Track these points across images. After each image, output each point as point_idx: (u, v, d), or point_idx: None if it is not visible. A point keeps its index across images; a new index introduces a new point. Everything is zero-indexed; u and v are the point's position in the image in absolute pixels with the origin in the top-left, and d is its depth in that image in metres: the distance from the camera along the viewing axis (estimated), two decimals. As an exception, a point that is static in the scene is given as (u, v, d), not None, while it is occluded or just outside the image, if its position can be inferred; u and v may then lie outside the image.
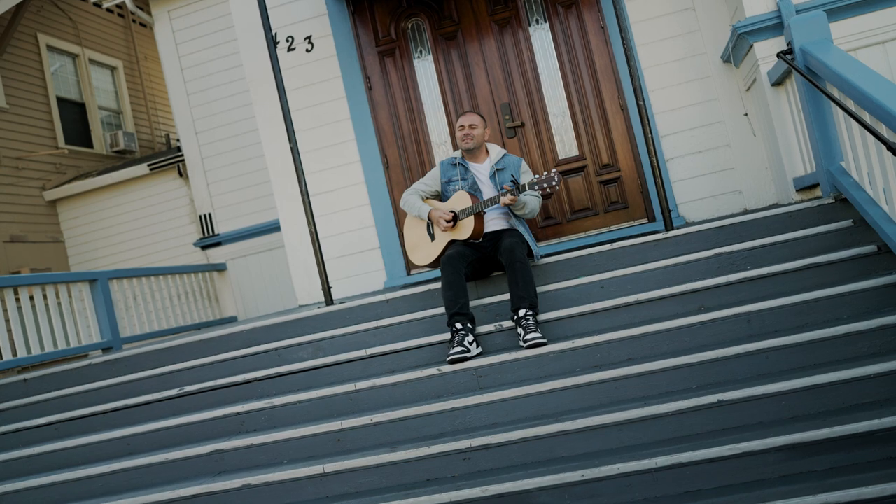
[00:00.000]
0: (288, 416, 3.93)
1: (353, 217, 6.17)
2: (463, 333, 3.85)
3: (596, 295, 4.06)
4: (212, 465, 3.75)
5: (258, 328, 4.70)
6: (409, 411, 3.57)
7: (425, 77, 6.12)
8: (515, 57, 5.96)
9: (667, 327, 3.60)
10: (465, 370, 3.74)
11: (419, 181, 4.70)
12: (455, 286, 3.99)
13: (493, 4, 5.98)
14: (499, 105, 5.96)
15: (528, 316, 3.83)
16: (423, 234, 4.53)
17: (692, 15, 5.72)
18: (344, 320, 4.54)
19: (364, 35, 6.18)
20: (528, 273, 3.94)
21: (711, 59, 5.69)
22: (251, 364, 4.44)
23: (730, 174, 5.70)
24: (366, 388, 3.85)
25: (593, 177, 5.89)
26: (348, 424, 3.63)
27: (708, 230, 4.26)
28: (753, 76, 5.21)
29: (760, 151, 5.58)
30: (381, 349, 4.13)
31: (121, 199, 10.54)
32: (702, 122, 5.72)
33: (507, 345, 3.95)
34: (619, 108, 5.81)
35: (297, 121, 6.19)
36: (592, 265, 4.31)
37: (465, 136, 4.50)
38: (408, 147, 6.12)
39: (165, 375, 4.58)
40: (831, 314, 3.42)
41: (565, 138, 5.94)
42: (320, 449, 3.64)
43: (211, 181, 9.49)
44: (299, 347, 4.41)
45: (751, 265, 3.93)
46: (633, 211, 5.85)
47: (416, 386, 3.79)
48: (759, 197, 5.63)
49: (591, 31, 5.86)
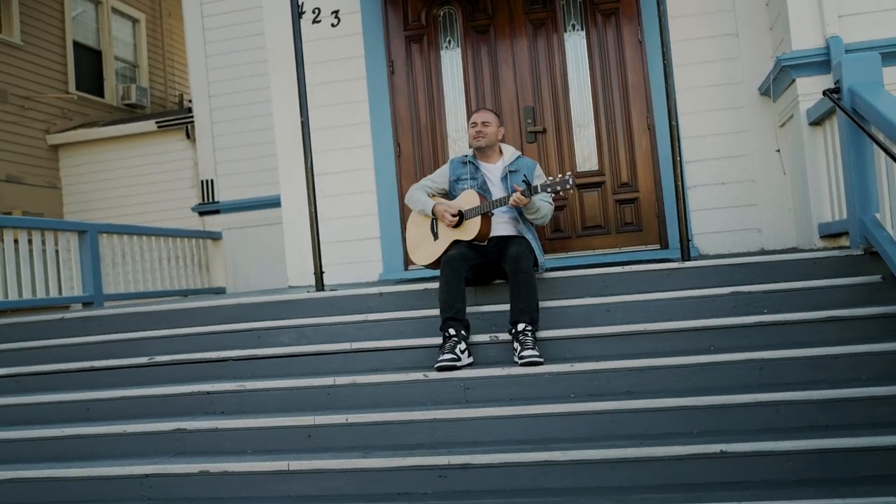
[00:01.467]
0: (259, 402, 3.69)
1: (356, 202, 5.94)
2: (455, 340, 3.62)
3: (600, 318, 3.83)
4: (171, 445, 3.52)
5: (242, 304, 4.46)
6: (388, 416, 3.34)
7: (450, 69, 5.89)
8: (546, 60, 5.73)
9: (672, 363, 3.37)
10: (453, 380, 3.51)
11: (426, 178, 4.48)
12: (453, 289, 3.76)
13: (530, 3, 5.75)
14: (522, 108, 5.73)
15: (526, 331, 3.60)
16: (426, 233, 4.30)
17: (734, 41, 5.49)
18: (332, 308, 4.31)
19: (393, 17, 5.94)
20: (532, 286, 3.71)
21: (748, 89, 5.46)
22: (229, 342, 4.20)
23: (751, 210, 5.47)
24: (345, 385, 3.62)
25: (610, 194, 5.66)
26: (321, 421, 3.39)
27: (725, 266, 4.03)
28: (791, 112, 4.99)
29: (786, 191, 5.35)
30: (367, 345, 3.90)
31: (124, 154, 10.32)
32: (729, 152, 5.50)
33: (500, 358, 3.72)
34: (647, 127, 5.58)
35: (312, 96, 5.95)
36: (600, 286, 4.08)
37: (477, 133, 4.27)
38: (423, 138, 5.89)
39: (138, 341, 4.34)
40: (851, 373, 3.19)
41: (586, 151, 5.71)
42: (288, 443, 3.40)
43: (218, 147, 9.24)
44: (281, 331, 4.18)
45: (768, 309, 3.70)
46: (647, 235, 5.62)
47: (399, 389, 3.55)
48: (778, 238, 5.41)
49: (628, 45, 5.63)
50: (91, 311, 4.79)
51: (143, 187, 10.19)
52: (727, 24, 5.49)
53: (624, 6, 5.62)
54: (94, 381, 4.14)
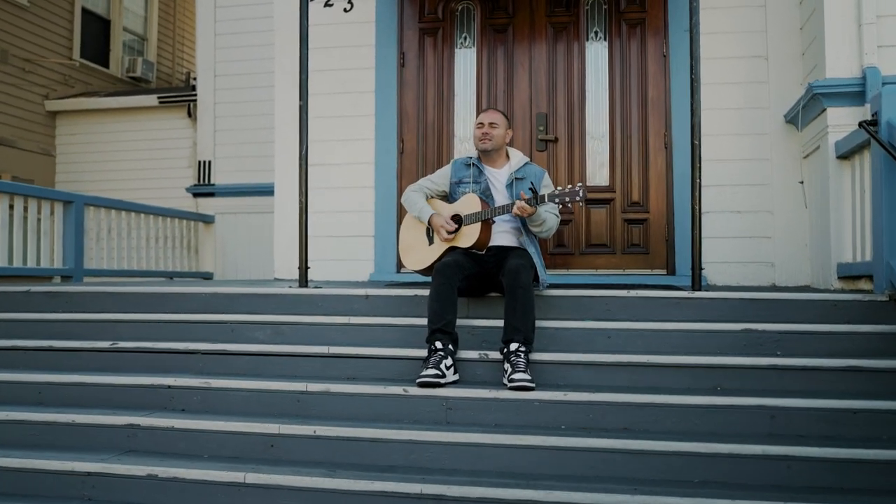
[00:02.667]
0: (223, 402, 3.40)
1: (352, 197, 5.66)
2: (441, 355, 3.33)
3: (600, 344, 3.54)
4: (121, 441, 3.22)
5: (219, 294, 4.17)
6: (360, 432, 3.04)
7: (464, 66, 5.61)
8: (565, 66, 5.45)
9: (675, 402, 3.08)
10: (435, 398, 3.21)
11: (426, 178, 4.19)
12: (444, 299, 3.47)
13: (553, 5, 5.47)
14: (535, 114, 5.45)
15: (519, 351, 3.31)
16: (421, 236, 4.01)
17: (763, 64, 5.22)
18: (314, 307, 4.02)
19: (409, 7, 5.66)
20: (530, 303, 3.42)
21: (773, 115, 5.19)
22: (200, 333, 3.91)
23: (765, 243, 5.19)
24: (318, 392, 3.33)
25: (618, 213, 5.38)
26: (287, 430, 3.10)
27: (737, 300, 3.74)
28: (817, 143, 4.71)
29: (804, 226, 5.07)
30: (346, 350, 3.61)
31: (123, 127, 10.03)
32: (747, 180, 5.22)
33: (488, 378, 3.43)
34: (663, 145, 5.30)
35: (316, 82, 5.66)
36: (602, 309, 3.79)
37: (483, 135, 3.98)
38: (428, 136, 5.61)
39: (103, 323, 4.05)
40: (870, 431, 2.90)
41: (598, 164, 5.43)
42: (249, 451, 3.11)
43: (219, 128, 8.96)
44: (257, 326, 3.89)
45: (782, 351, 3.41)
46: (653, 259, 5.34)
47: (375, 403, 3.26)
48: (791, 274, 5.13)
49: (652, 58, 5.35)
50: (58, 287, 4.51)
51: (139, 163, 9.90)
52: (757, 46, 5.22)
53: (651, 17, 5.35)
54: (50, 363, 3.85)
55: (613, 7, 5.40)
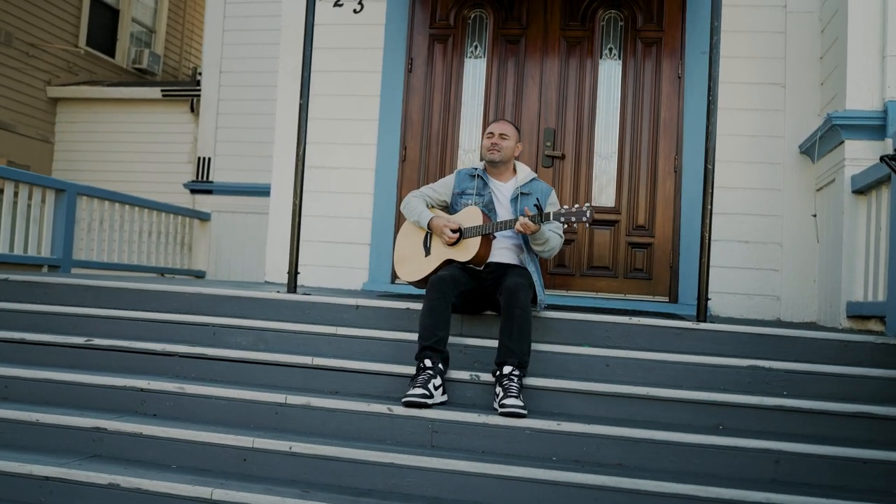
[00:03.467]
0: (197, 409, 3.22)
1: (350, 203, 5.49)
2: (430, 374, 3.15)
3: (598, 373, 3.37)
4: (86, 444, 3.04)
5: (203, 295, 4.00)
6: (339, 451, 2.86)
7: (473, 76, 5.46)
8: (576, 82, 5.30)
9: (674, 439, 2.90)
10: (421, 419, 3.04)
11: (428, 186, 4.02)
12: (437, 314, 3.30)
13: (568, 18, 5.33)
14: (543, 128, 5.30)
15: (513, 375, 3.13)
16: (417, 246, 3.84)
17: (780, 92, 5.07)
18: (301, 314, 3.85)
19: (420, 12, 5.52)
20: (527, 324, 3.25)
21: (787, 145, 5.04)
22: (179, 334, 3.74)
23: (772, 276, 5.03)
24: (297, 405, 3.15)
25: (622, 235, 5.22)
26: (262, 444, 2.92)
27: (744, 334, 3.57)
28: (832, 176, 4.56)
29: (813, 260, 4.91)
30: (331, 362, 3.43)
31: (125, 118, 9.90)
32: (757, 210, 5.06)
33: (478, 401, 3.25)
34: (673, 169, 5.15)
35: (321, 82, 5.53)
36: (601, 335, 3.62)
37: (492, 145, 3.82)
38: (432, 145, 5.45)
39: (79, 318, 3.87)
40: (882, 484, 2.73)
41: (604, 185, 5.27)
42: (220, 464, 2.93)
43: (221, 125, 8.83)
44: (240, 331, 3.71)
45: (789, 391, 3.24)
46: (656, 285, 5.17)
47: (357, 421, 3.08)
48: (797, 310, 4.96)
49: (666, 79, 5.20)
50: (37, 277, 4.32)
51: (138, 155, 9.75)
52: (775, 73, 5.08)
53: (667, 37, 5.21)
54: (20, 356, 3.67)
55: (630, 24, 5.26)
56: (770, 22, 5.09)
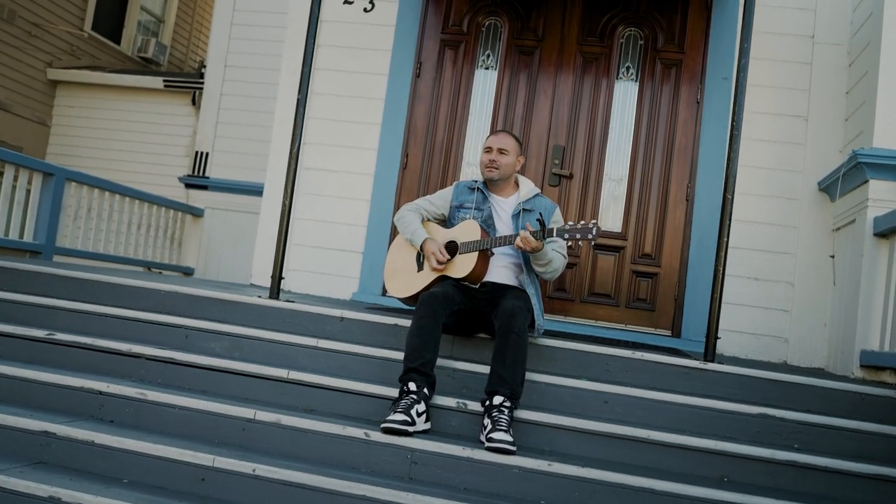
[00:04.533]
0: (158, 419, 2.96)
1: (345, 208, 5.24)
2: (414, 399, 2.89)
3: (595, 409, 3.11)
4: (32, 450, 2.77)
5: (179, 294, 3.75)
6: (307, 478, 2.60)
7: (483, 85, 5.23)
8: (590, 100, 5.08)
9: (675, 490, 2.64)
10: (400, 448, 2.78)
11: (425, 198, 3.78)
12: (426, 334, 3.04)
13: (586, 33, 5.11)
14: (552, 145, 5.07)
15: (503, 406, 2.88)
16: (410, 261, 3.59)
17: (802, 125, 4.85)
18: (281, 323, 3.59)
19: (433, 16, 5.30)
20: (522, 352, 2.99)
21: (806, 180, 4.81)
22: (149, 334, 3.48)
23: (781, 316, 4.78)
24: (267, 422, 2.89)
25: (627, 263, 4.97)
26: (223, 464, 2.65)
27: (753, 379, 3.33)
28: (853, 217, 4.32)
29: (826, 303, 4.67)
30: (308, 377, 3.17)
31: (125, 106, 9.67)
32: (770, 246, 4.82)
33: (464, 432, 2.99)
34: (685, 197, 4.91)
35: (324, 81, 5.31)
36: (601, 368, 3.37)
37: (490, 161, 3.56)
38: (435, 154, 5.21)
39: (43, 309, 3.62)
40: (902, 559, 2.48)
41: (612, 209, 5.03)
42: (175, 482, 2.67)
43: (221, 120, 8.62)
44: (215, 336, 3.46)
45: (800, 444, 2.99)
46: (659, 318, 4.92)
47: (331, 445, 2.82)
48: (805, 353, 4.71)
49: (684, 103, 4.98)
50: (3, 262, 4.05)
51: (135, 145, 9.53)
52: (798, 105, 4.85)
53: (688, 60, 4.99)
54: (-25, 347, 3.41)
55: (650, 44, 5.04)
56: (796, 51, 4.88)
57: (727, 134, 4.84)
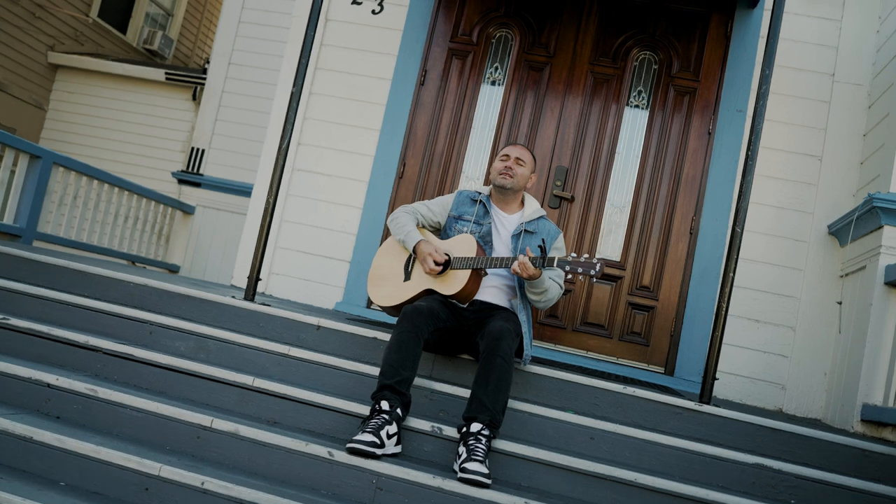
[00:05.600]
0: (107, 418, 2.73)
1: (336, 214, 5.04)
2: (385, 419, 2.67)
3: (580, 445, 2.89)
4: (-36, 443, 2.55)
5: (148, 287, 3.53)
6: (260, 496, 2.36)
7: (489, 98, 5.05)
8: (598, 122, 4.90)
9: (661, 542, 2.42)
10: (365, 471, 2.55)
11: (422, 202, 3.56)
12: (405, 350, 2.82)
13: (599, 53, 4.94)
14: (555, 166, 4.88)
15: (481, 435, 2.65)
16: (397, 269, 3.38)
17: (815, 165, 4.67)
18: (253, 326, 3.37)
19: (443, 23, 5.13)
20: (506, 377, 2.78)
21: (815, 223, 4.62)
22: (111, 327, 3.26)
23: (780, 362, 4.57)
24: (224, 432, 2.66)
25: (624, 294, 4.77)
26: (170, 474, 2.42)
27: (750, 425, 3.11)
28: (863, 263, 4.13)
29: (828, 351, 4.46)
30: (275, 387, 2.94)
31: (124, 96, 9.50)
32: (773, 288, 4.62)
33: (437, 459, 2.76)
34: (689, 230, 4.72)
35: (325, 81, 5.13)
36: (589, 402, 3.15)
37: (506, 168, 3.37)
38: (433, 166, 5.02)
39: (2, 292, 3.39)
40: None
41: (612, 236, 4.83)
42: (116, 490, 2.43)
43: (220, 118, 8.46)
44: (181, 335, 3.23)
45: (797, 501, 2.77)
46: (653, 353, 4.71)
47: (291, 462, 2.59)
48: (802, 402, 4.50)
49: (695, 133, 4.80)
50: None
51: (131, 136, 9.34)
52: (813, 144, 4.68)
53: (702, 89, 4.82)
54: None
55: (664, 69, 4.87)
56: (814, 89, 4.71)
57: (738, 169, 4.69)
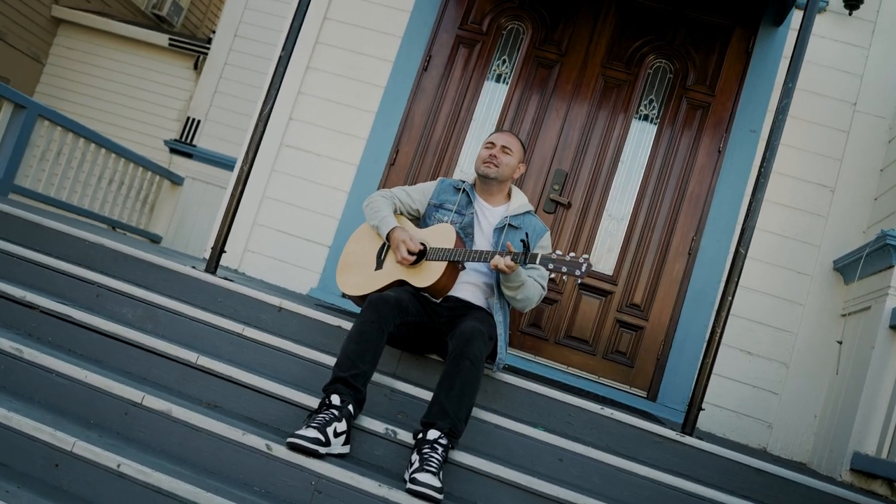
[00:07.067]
0: (30, 383, 2.47)
1: (321, 196, 4.79)
2: (334, 415, 2.41)
3: (547, 466, 2.64)
4: None
5: (103, 247, 3.27)
6: (182, 488, 2.10)
7: (493, 91, 4.80)
8: (604, 128, 4.65)
9: (624, 583, 2.17)
10: (305, 470, 2.29)
11: (401, 188, 3.31)
12: (366, 341, 2.57)
13: (612, 56, 4.70)
14: (554, 169, 4.63)
15: (437, 443, 2.39)
16: (369, 256, 3.12)
17: (826, 196, 4.43)
18: (210, 300, 3.12)
19: (453, 8, 4.89)
20: (473, 383, 2.52)
21: (821, 257, 4.38)
22: (56, 285, 3.00)
23: (769, 398, 4.33)
24: (156, 410, 2.40)
25: (613, 310, 4.52)
26: (84, 451, 2.16)
27: (734, 462, 2.87)
28: (868, 303, 3.89)
29: (820, 393, 4.22)
30: (220, 367, 2.68)
31: (125, 58, 9.24)
32: (769, 319, 4.38)
33: (388, 464, 2.51)
34: (687, 250, 4.47)
35: (323, 56, 4.90)
36: (562, 419, 2.90)
37: (490, 156, 3.13)
38: (428, 154, 4.77)
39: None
40: None
41: (607, 248, 4.58)
42: (24, 464, 2.17)
43: (220, 90, 8.26)
44: (129, 301, 2.98)
45: (778, 552, 2.52)
46: (636, 376, 4.46)
47: (224, 451, 2.33)
48: (788, 443, 4.25)
49: (704, 149, 4.56)
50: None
51: (127, 100, 9.08)
52: (826, 173, 4.44)
53: (717, 104, 4.58)
54: None
55: (679, 79, 4.63)
56: (833, 116, 4.47)
57: (745, 192, 4.45)
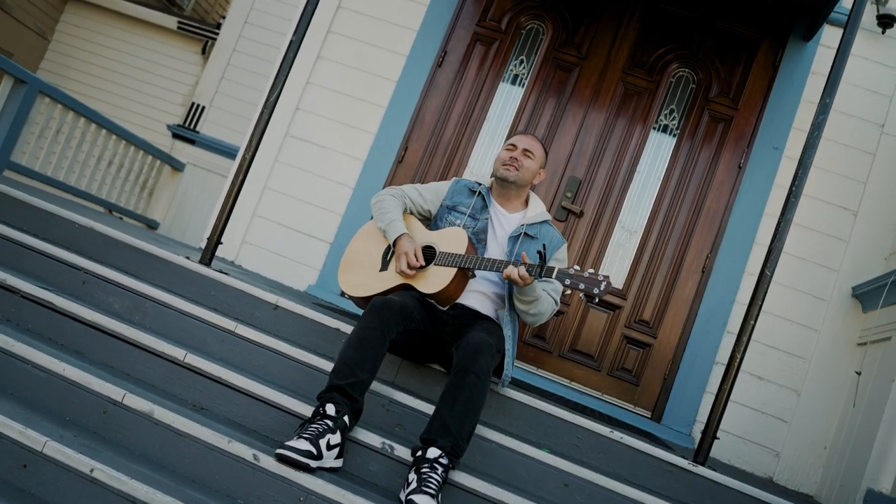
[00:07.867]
0: (2, 376, 2.30)
1: (324, 189, 4.62)
2: (328, 426, 2.24)
3: (551, 492, 2.47)
4: None
5: (94, 232, 3.10)
6: (159, 498, 1.94)
7: (508, 91, 4.64)
8: (622, 136, 4.49)
9: None
10: (293, 484, 2.12)
11: (413, 186, 3.14)
12: (367, 348, 2.40)
13: (634, 63, 4.53)
14: (568, 176, 4.47)
15: (438, 463, 2.23)
16: (375, 255, 2.95)
17: (849, 220, 4.27)
18: (202, 294, 2.95)
19: (471, 4, 4.73)
20: (478, 399, 2.35)
21: (839, 282, 4.21)
22: (41, 269, 2.83)
23: (777, 426, 4.16)
24: (137, 410, 2.23)
25: (621, 325, 4.35)
26: (55, 452, 1.99)
27: (747, 496, 2.70)
28: (889, 333, 3.73)
29: (832, 424, 4.06)
30: (209, 367, 2.51)
31: (133, 39, 9.10)
32: (782, 344, 4.22)
33: (382, 481, 2.34)
34: (701, 267, 4.31)
35: (335, 46, 4.74)
36: (569, 442, 2.74)
37: (511, 159, 2.97)
38: (437, 153, 4.61)
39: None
40: None
41: (617, 261, 4.42)
42: (-10, 462, 2.01)
43: (227, 77, 8.12)
44: (116, 290, 2.81)
45: None
46: (641, 396, 4.29)
47: (207, 459, 2.16)
48: (795, 474, 4.08)
49: (724, 164, 4.40)
50: None
51: (132, 81, 8.94)
52: (849, 196, 4.28)
53: (740, 119, 4.42)
54: None
55: (702, 91, 4.47)
56: (860, 137, 4.32)
57: (764, 210, 4.29)
